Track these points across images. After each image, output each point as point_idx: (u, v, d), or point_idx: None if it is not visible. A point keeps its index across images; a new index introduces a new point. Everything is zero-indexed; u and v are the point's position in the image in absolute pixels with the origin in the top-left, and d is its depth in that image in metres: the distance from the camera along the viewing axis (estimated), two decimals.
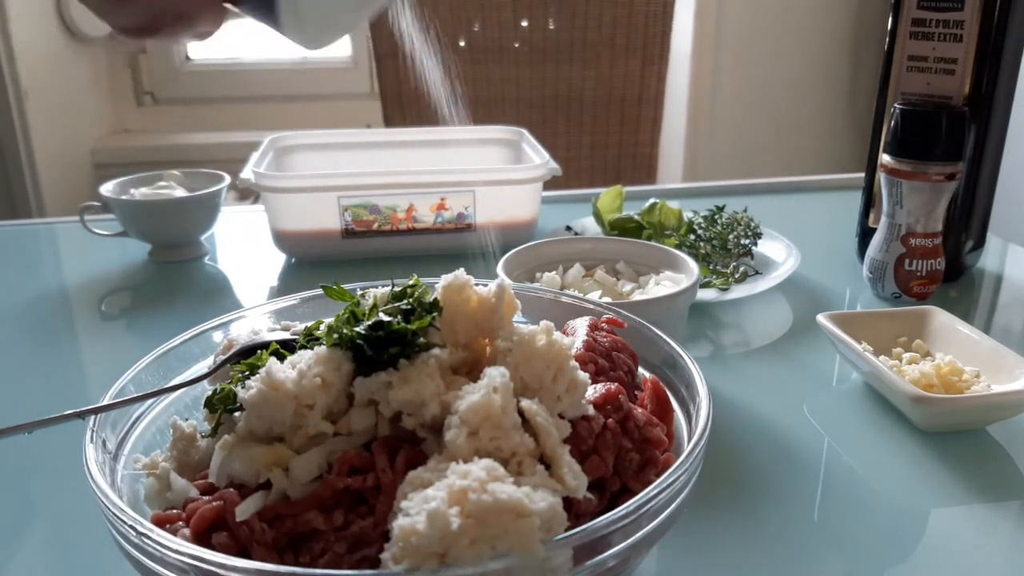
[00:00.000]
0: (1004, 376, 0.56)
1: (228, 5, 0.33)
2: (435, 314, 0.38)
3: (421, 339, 0.37)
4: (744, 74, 2.25)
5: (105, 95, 2.31)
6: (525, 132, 1.02)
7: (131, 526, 0.32)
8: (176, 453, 0.40)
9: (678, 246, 0.81)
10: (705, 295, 0.73)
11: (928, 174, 0.70)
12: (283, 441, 0.36)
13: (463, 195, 0.86)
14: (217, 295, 0.81)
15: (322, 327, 0.40)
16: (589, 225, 0.92)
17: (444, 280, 0.39)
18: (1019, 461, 0.52)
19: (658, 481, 0.33)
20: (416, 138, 1.07)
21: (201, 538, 0.34)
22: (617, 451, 0.37)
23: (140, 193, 0.88)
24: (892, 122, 0.72)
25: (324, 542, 0.33)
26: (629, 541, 0.32)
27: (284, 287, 0.84)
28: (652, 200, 0.89)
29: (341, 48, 2.39)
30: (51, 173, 1.93)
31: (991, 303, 0.79)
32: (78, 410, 0.38)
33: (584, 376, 0.37)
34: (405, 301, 0.38)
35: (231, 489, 0.35)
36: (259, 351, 0.41)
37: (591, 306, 0.49)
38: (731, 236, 0.82)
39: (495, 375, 0.34)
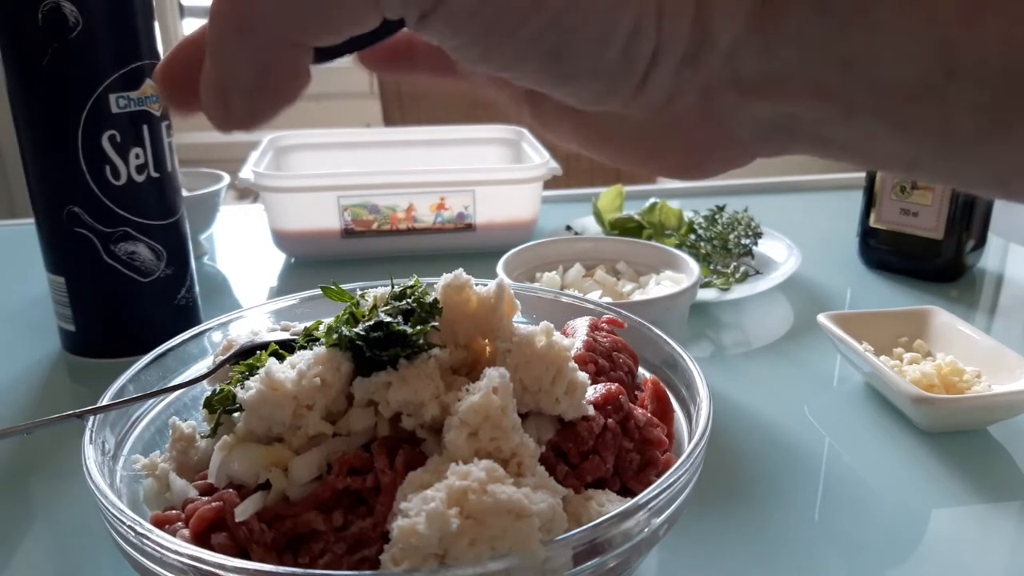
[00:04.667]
0: (1005, 376, 0.56)
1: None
2: (435, 319, 0.38)
3: (420, 339, 0.37)
4: None
5: None
6: (525, 131, 1.02)
7: (130, 527, 0.32)
8: (175, 454, 0.40)
9: (678, 246, 0.81)
10: (705, 295, 0.73)
11: None
12: (282, 442, 0.36)
13: (463, 195, 0.86)
14: (216, 295, 0.81)
15: (321, 327, 0.40)
16: (589, 225, 0.92)
17: (444, 280, 0.39)
18: (1020, 461, 0.52)
19: (658, 482, 0.33)
20: (416, 138, 1.07)
21: (200, 539, 0.34)
22: (617, 451, 0.37)
23: None
24: None
25: (323, 543, 0.33)
26: (630, 542, 0.32)
27: (284, 287, 0.83)
28: (652, 200, 0.89)
29: None
30: None
31: (992, 303, 0.79)
32: (77, 410, 0.38)
33: (584, 377, 0.37)
34: (405, 301, 0.38)
35: (230, 490, 0.35)
36: (258, 351, 0.41)
37: (591, 306, 0.49)
38: (731, 236, 0.82)
39: (495, 376, 0.34)
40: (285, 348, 0.41)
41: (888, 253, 0.82)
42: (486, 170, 0.89)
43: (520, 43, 0.22)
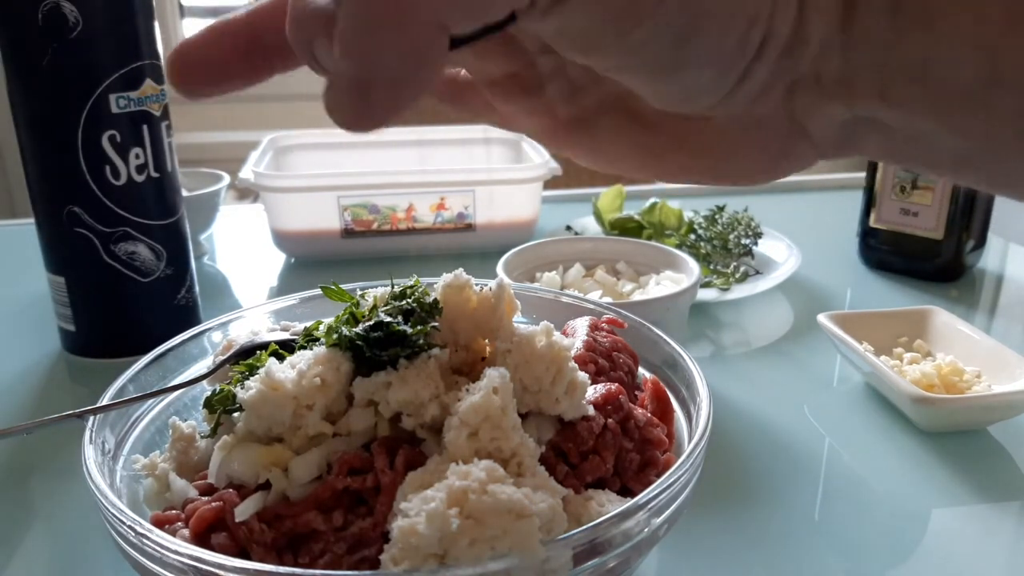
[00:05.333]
0: (1005, 376, 0.56)
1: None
2: (435, 319, 0.38)
3: (420, 339, 0.37)
4: None
5: None
6: None
7: (130, 527, 0.32)
8: (175, 454, 0.40)
9: (678, 246, 0.81)
10: (705, 295, 0.73)
11: None
12: (282, 442, 0.36)
13: (463, 195, 0.86)
14: (216, 295, 0.81)
15: (321, 327, 0.40)
16: (589, 225, 0.92)
17: (444, 280, 0.39)
18: (1020, 461, 0.52)
19: (658, 482, 0.33)
20: (416, 138, 1.07)
21: (200, 539, 0.34)
22: (617, 451, 0.37)
23: None
24: None
25: (323, 543, 0.33)
26: (630, 542, 0.32)
27: (284, 287, 0.83)
28: (652, 200, 0.89)
29: None
30: None
31: (992, 303, 0.79)
32: (77, 410, 0.38)
33: (584, 377, 0.37)
34: (405, 301, 0.38)
35: (230, 490, 0.35)
36: (258, 351, 0.41)
37: (591, 306, 0.49)
38: (731, 236, 0.82)
39: (495, 376, 0.34)
40: (285, 348, 0.41)
41: (888, 253, 0.82)
42: (486, 170, 0.89)
43: (651, 26, 0.21)
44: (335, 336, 0.37)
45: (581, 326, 0.45)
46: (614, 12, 0.21)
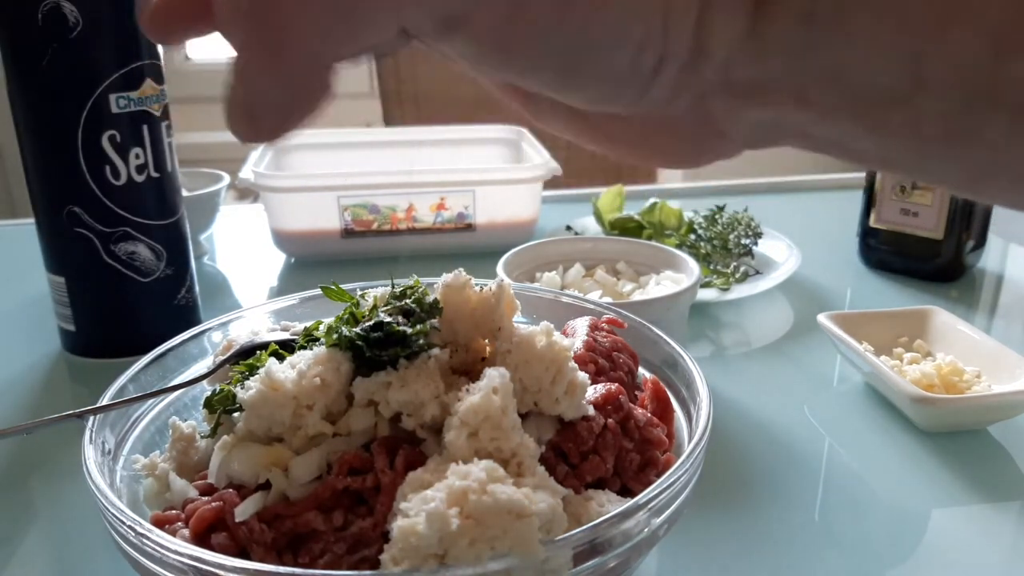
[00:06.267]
0: (1005, 376, 0.56)
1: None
2: (435, 319, 0.38)
3: (420, 340, 0.37)
4: None
5: None
6: (525, 131, 1.02)
7: (130, 527, 0.32)
8: (175, 454, 0.40)
9: (678, 246, 0.81)
10: (705, 295, 0.73)
11: None
12: (282, 442, 0.36)
13: (463, 195, 0.86)
14: (216, 295, 0.81)
15: (321, 327, 0.40)
16: (589, 225, 0.92)
17: (444, 280, 0.39)
18: (1020, 461, 0.52)
19: (658, 481, 0.33)
20: (416, 138, 1.07)
21: (200, 539, 0.34)
22: (617, 451, 0.37)
23: None
24: None
25: (323, 543, 0.33)
26: (630, 542, 0.32)
27: (284, 287, 0.83)
28: (652, 200, 0.89)
29: None
30: None
31: (992, 303, 0.79)
32: (77, 410, 0.38)
33: (584, 377, 0.37)
34: (405, 301, 0.38)
35: (230, 490, 0.35)
36: (258, 351, 0.41)
37: (591, 306, 0.49)
38: (731, 236, 0.82)
39: (495, 376, 0.34)
40: (285, 348, 0.41)
41: (888, 253, 0.82)
42: (486, 170, 0.89)
43: (537, 56, 0.23)
44: (335, 336, 0.37)
45: (581, 326, 0.45)
46: (501, 44, 0.22)
